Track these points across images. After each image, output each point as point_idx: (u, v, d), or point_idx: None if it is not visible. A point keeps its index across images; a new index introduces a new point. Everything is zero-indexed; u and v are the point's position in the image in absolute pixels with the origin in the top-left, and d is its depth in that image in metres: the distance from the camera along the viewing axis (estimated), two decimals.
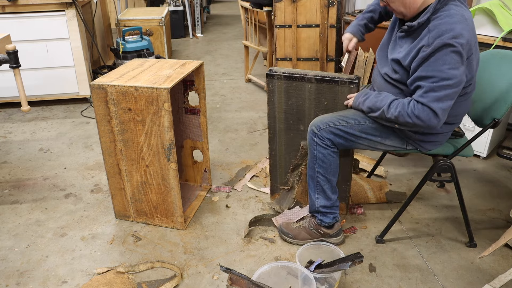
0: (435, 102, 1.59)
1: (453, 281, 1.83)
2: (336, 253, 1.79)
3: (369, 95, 1.81)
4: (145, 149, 2.00)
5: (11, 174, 2.69)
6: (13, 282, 1.85)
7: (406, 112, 1.64)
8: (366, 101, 1.80)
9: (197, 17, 6.49)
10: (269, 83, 2.05)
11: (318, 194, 1.95)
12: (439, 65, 1.57)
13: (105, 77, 1.99)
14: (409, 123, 1.65)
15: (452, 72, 1.57)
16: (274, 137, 2.17)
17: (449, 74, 1.57)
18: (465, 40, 1.56)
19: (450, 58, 1.56)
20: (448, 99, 1.60)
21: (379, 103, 1.74)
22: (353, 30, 2.07)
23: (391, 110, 1.69)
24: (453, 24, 1.56)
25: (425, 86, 1.60)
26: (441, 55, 1.57)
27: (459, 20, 1.57)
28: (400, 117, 1.67)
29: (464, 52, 1.57)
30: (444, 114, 1.62)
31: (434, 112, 1.60)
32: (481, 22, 2.59)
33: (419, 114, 1.61)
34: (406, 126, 1.71)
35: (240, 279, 1.59)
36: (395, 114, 1.68)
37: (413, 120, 1.63)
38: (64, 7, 3.41)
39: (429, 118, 1.61)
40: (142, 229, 2.17)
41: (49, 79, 3.62)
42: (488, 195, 2.43)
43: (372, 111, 1.78)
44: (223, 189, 2.50)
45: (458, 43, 1.54)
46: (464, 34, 1.56)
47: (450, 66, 1.56)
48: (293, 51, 3.31)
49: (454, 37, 1.54)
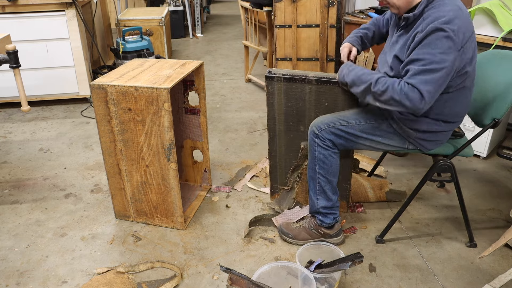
0: (423, 84, 1.59)
1: (453, 281, 1.83)
2: (336, 253, 1.79)
3: (355, 67, 1.81)
4: (145, 149, 2.00)
5: (11, 174, 2.69)
6: (13, 282, 1.85)
7: (394, 88, 1.63)
8: (351, 73, 1.79)
9: (197, 17, 6.49)
10: (268, 85, 2.05)
11: (318, 195, 1.95)
12: (430, 49, 1.59)
13: (105, 77, 1.99)
14: (395, 100, 1.63)
15: (442, 56, 1.57)
16: (274, 138, 2.17)
17: (439, 58, 1.57)
18: (457, 26, 1.57)
19: (441, 43, 1.57)
20: (435, 83, 1.59)
21: (365, 77, 1.73)
22: (351, 40, 2.06)
23: (379, 85, 1.67)
24: (446, 12, 1.59)
25: (415, 68, 1.61)
26: (433, 39, 1.58)
27: (453, 9, 1.60)
28: (386, 93, 1.64)
29: (456, 38, 1.57)
30: (430, 98, 1.61)
31: (421, 94, 1.60)
32: (481, 22, 2.59)
33: (407, 92, 1.60)
34: (388, 104, 1.68)
35: (240, 279, 1.59)
36: (381, 89, 1.66)
37: (400, 97, 1.61)
38: (64, 7, 3.41)
39: (415, 99, 1.60)
40: (142, 229, 2.17)
41: (49, 79, 3.62)
42: (488, 195, 2.43)
43: (356, 85, 1.77)
44: (223, 189, 2.50)
45: (449, 29, 1.56)
46: (456, 22, 1.58)
47: (441, 50, 1.57)
48: (293, 51, 3.31)
49: (446, 22, 1.57)
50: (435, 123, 1.79)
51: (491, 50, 2.08)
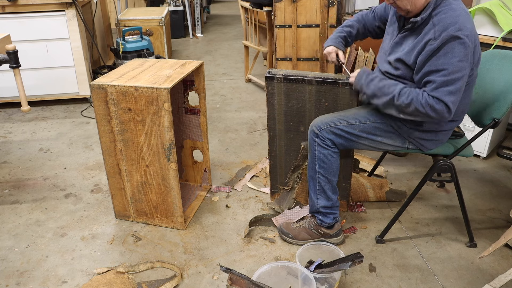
0: (447, 96, 1.61)
1: (453, 281, 1.83)
2: (336, 253, 1.79)
3: (373, 77, 1.79)
4: (145, 149, 2.00)
5: (11, 174, 2.69)
6: (13, 282, 1.85)
7: (420, 101, 1.64)
8: (370, 84, 1.78)
9: (197, 17, 6.49)
10: (268, 86, 2.05)
11: (318, 195, 1.95)
12: (448, 58, 1.59)
13: (105, 77, 1.99)
14: (421, 112, 1.65)
15: (461, 64, 1.59)
16: (274, 139, 2.17)
17: (458, 67, 1.59)
18: (469, 31, 1.59)
19: (458, 51, 1.58)
20: (458, 92, 1.63)
21: (386, 89, 1.72)
22: (335, 42, 2.04)
23: (402, 98, 1.67)
24: (457, 17, 1.60)
25: (437, 80, 1.61)
26: (450, 48, 1.59)
27: (461, 14, 1.61)
28: (411, 105, 1.65)
29: (470, 43, 1.59)
30: (455, 107, 1.64)
31: (447, 105, 1.62)
32: (481, 22, 2.59)
33: (433, 105, 1.62)
34: (413, 116, 1.70)
35: (240, 279, 1.59)
36: (406, 102, 1.66)
37: (427, 110, 1.63)
38: (64, 7, 3.41)
39: (442, 111, 1.63)
40: (142, 229, 2.17)
41: (49, 79, 3.62)
42: (488, 195, 2.43)
43: (376, 97, 1.76)
44: (223, 189, 2.50)
45: (464, 35, 1.57)
46: (467, 26, 1.59)
47: (459, 58, 1.58)
48: (293, 51, 3.31)
49: (459, 29, 1.57)
50: (436, 122, 1.79)
51: (491, 50, 2.08)
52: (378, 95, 1.75)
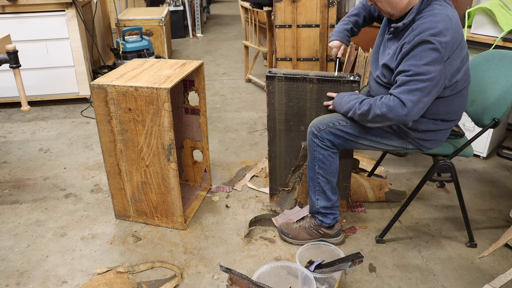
0: (405, 94, 1.61)
1: (453, 281, 1.83)
2: (336, 253, 1.79)
3: (342, 96, 1.85)
4: (145, 149, 2.00)
5: (11, 174, 2.69)
6: (13, 282, 1.85)
7: (376, 104, 1.66)
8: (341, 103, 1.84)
9: (197, 17, 6.49)
10: (269, 85, 2.05)
11: (318, 195, 1.95)
12: (415, 61, 1.59)
13: (105, 77, 1.99)
14: (378, 114, 1.66)
15: (427, 68, 1.58)
16: (274, 139, 2.16)
17: (423, 70, 1.58)
18: (446, 39, 1.56)
19: (426, 54, 1.57)
20: (419, 92, 1.60)
21: (352, 103, 1.77)
22: (340, 36, 2.06)
23: (363, 106, 1.71)
24: (436, 23, 1.58)
25: (399, 79, 1.63)
26: (419, 51, 1.58)
27: (442, 19, 1.59)
28: (370, 111, 1.68)
29: (442, 50, 1.57)
30: (413, 107, 1.61)
31: (402, 102, 1.61)
32: (481, 22, 2.59)
33: (388, 103, 1.63)
34: (376, 122, 1.71)
35: (240, 279, 1.59)
36: (365, 108, 1.69)
37: (381, 110, 1.64)
38: (64, 7, 3.41)
39: (396, 108, 1.61)
40: (142, 229, 2.17)
41: (49, 79, 3.62)
42: (488, 195, 2.43)
43: (350, 113, 1.80)
44: (223, 189, 2.50)
45: (436, 41, 1.56)
46: (445, 33, 1.57)
47: (426, 62, 1.58)
48: (293, 51, 3.31)
49: (433, 34, 1.56)
50: (433, 122, 1.79)
51: (491, 50, 2.08)
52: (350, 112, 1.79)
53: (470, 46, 2.63)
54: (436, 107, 1.75)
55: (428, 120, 1.78)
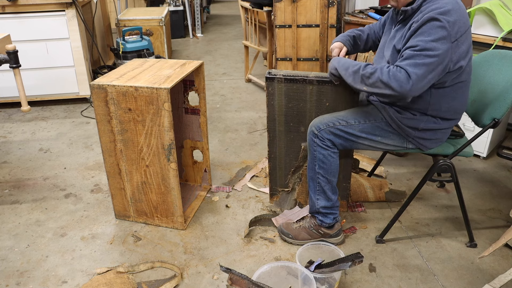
0: (411, 67, 1.60)
1: (453, 281, 1.83)
2: (336, 253, 1.79)
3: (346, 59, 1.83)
4: (145, 149, 2.00)
5: (11, 174, 2.69)
6: (13, 282, 1.85)
7: (383, 71, 1.64)
8: (341, 61, 1.82)
9: (197, 17, 6.49)
10: (268, 86, 2.04)
11: (318, 195, 1.95)
12: (423, 37, 1.61)
13: (105, 77, 1.99)
14: (383, 81, 1.63)
15: (434, 44, 1.59)
16: (273, 140, 2.16)
17: (430, 45, 1.59)
18: (453, 18, 1.59)
19: (434, 31, 1.59)
20: (425, 67, 1.60)
21: (354, 63, 1.76)
22: (343, 39, 2.07)
23: (367, 68, 1.69)
24: (444, 4, 1.62)
25: (406, 53, 1.64)
26: (427, 28, 1.60)
27: (450, 2, 1.63)
28: (374, 74, 1.65)
29: (450, 29, 1.59)
30: (417, 81, 1.60)
31: (408, 74, 1.60)
32: (481, 22, 2.59)
33: (394, 73, 1.62)
34: (375, 87, 1.67)
35: (240, 279, 1.59)
36: (370, 71, 1.67)
37: (388, 78, 1.62)
38: (64, 7, 3.41)
39: (402, 79, 1.60)
40: (142, 229, 2.17)
41: (49, 79, 3.62)
42: (488, 195, 2.43)
43: (345, 69, 1.77)
44: (223, 189, 2.50)
45: (444, 19, 1.58)
46: (452, 13, 1.59)
47: (433, 38, 1.59)
48: (293, 51, 3.31)
49: (442, 13, 1.59)
50: (434, 121, 1.79)
51: (491, 50, 2.08)
52: (347, 67, 1.76)
53: None
54: (438, 102, 1.75)
55: (429, 117, 1.78)
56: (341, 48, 2.05)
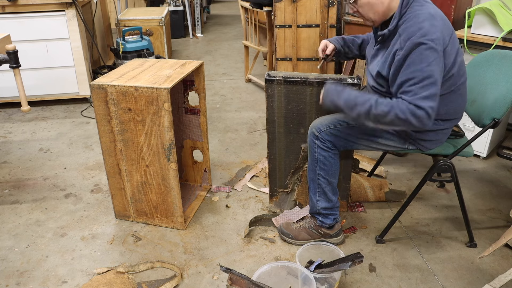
0: (424, 102, 1.58)
1: (453, 281, 1.83)
2: (336, 253, 1.79)
3: (343, 89, 1.71)
4: (145, 149, 2.00)
5: (11, 174, 2.69)
6: (13, 282, 1.85)
7: (400, 108, 1.59)
8: (341, 95, 1.70)
9: (197, 17, 6.49)
10: (268, 88, 2.04)
11: (319, 197, 1.95)
12: (417, 65, 1.58)
13: (105, 77, 1.99)
14: (401, 119, 1.59)
15: (431, 68, 1.58)
16: (273, 141, 2.16)
17: (428, 71, 1.58)
18: (435, 35, 1.57)
19: (425, 56, 1.57)
20: (435, 96, 1.60)
21: (361, 99, 1.65)
22: (330, 39, 2.07)
23: (381, 106, 1.61)
24: (421, 23, 1.59)
25: (411, 89, 1.59)
26: (416, 55, 1.58)
27: (426, 18, 1.60)
28: (391, 113, 1.60)
29: (437, 46, 1.58)
30: (434, 113, 1.61)
31: (426, 112, 1.58)
32: (481, 22, 2.59)
33: (414, 111, 1.58)
34: (393, 125, 1.64)
35: (240, 279, 1.59)
36: (385, 110, 1.60)
37: (408, 116, 1.58)
38: (64, 7, 3.41)
39: (423, 118, 1.59)
40: (142, 229, 2.17)
41: (49, 79, 3.62)
42: (488, 195, 2.43)
43: (350, 107, 1.67)
44: (223, 189, 2.50)
45: (429, 40, 1.56)
46: (433, 30, 1.58)
47: (427, 63, 1.57)
48: (293, 51, 3.31)
49: (423, 35, 1.57)
50: (434, 123, 1.79)
51: (491, 50, 2.08)
52: (352, 106, 1.67)
53: (470, 46, 2.63)
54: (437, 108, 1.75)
55: None
56: (326, 44, 2.03)
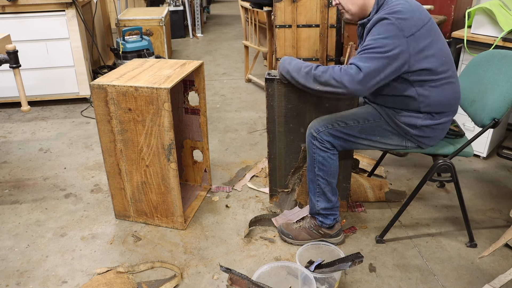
0: (361, 61, 1.64)
1: (453, 281, 1.83)
2: (336, 253, 1.79)
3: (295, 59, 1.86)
4: (145, 149, 2.00)
5: (11, 174, 2.69)
6: (13, 282, 1.85)
7: (334, 69, 1.67)
8: (292, 62, 1.84)
9: (197, 17, 6.49)
10: (268, 87, 2.04)
11: (318, 197, 1.95)
12: (372, 35, 1.66)
13: (105, 77, 1.99)
14: (335, 78, 1.65)
15: (384, 41, 1.62)
16: (273, 141, 2.16)
17: (380, 43, 1.62)
18: (404, 16, 1.63)
19: (383, 29, 1.63)
20: (375, 61, 1.62)
21: (306, 63, 1.78)
22: None
23: (320, 68, 1.72)
24: (394, 7, 1.66)
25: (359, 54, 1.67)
26: (377, 27, 1.66)
27: (400, 3, 1.68)
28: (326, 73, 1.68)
29: (400, 25, 1.61)
30: (369, 75, 1.62)
31: (358, 67, 1.63)
32: (481, 22, 2.59)
33: (345, 70, 1.65)
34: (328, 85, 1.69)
35: (240, 279, 1.59)
36: (322, 70, 1.70)
37: (338, 74, 1.64)
38: (64, 7, 3.41)
39: (352, 73, 1.63)
40: (142, 229, 2.17)
41: (49, 79, 3.62)
42: (488, 195, 2.43)
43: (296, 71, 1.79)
44: (223, 189, 2.50)
45: (393, 17, 1.62)
46: (403, 12, 1.64)
47: (383, 36, 1.63)
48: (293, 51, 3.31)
49: (390, 12, 1.64)
50: (430, 117, 1.79)
51: (491, 50, 2.08)
52: (298, 68, 1.78)
53: (470, 46, 2.63)
54: (427, 98, 1.75)
55: (425, 114, 1.79)
56: None
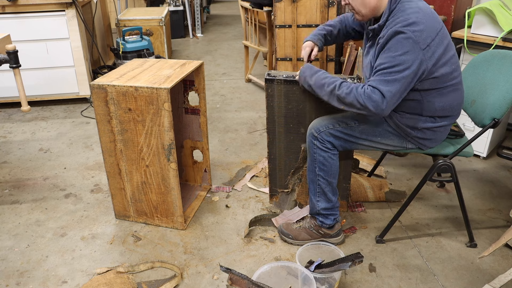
0: (383, 85, 1.61)
1: (453, 281, 1.83)
2: (336, 253, 1.79)
3: (317, 71, 1.83)
4: (145, 149, 2.00)
5: (11, 174, 2.69)
6: (13, 282, 1.85)
7: (358, 91, 1.65)
8: (313, 76, 1.82)
9: (197, 17, 6.49)
10: (268, 88, 2.04)
11: (319, 197, 1.95)
12: (390, 52, 1.62)
13: (105, 77, 1.99)
14: (359, 102, 1.64)
15: (403, 58, 1.59)
16: (273, 141, 2.16)
17: (399, 60, 1.60)
18: (419, 28, 1.59)
19: (401, 45, 1.59)
20: (397, 83, 1.61)
21: (328, 80, 1.75)
22: (313, 38, 2.07)
23: (343, 88, 1.69)
24: (408, 15, 1.62)
25: (379, 73, 1.64)
26: (393, 43, 1.61)
27: (413, 12, 1.62)
28: (350, 95, 1.66)
29: (417, 38, 1.59)
30: (392, 98, 1.62)
31: (382, 94, 1.61)
32: (481, 22, 2.59)
33: (369, 95, 1.62)
34: (353, 107, 1.69)
35: (240, 279, 1.59)
36: (346, 91, 1.68)
37: (364, 99, 1.63)
38: (64, 7, 3.41)
39: (377, 100, 1.62)
40: (142, 229, 2.17)
41: (49, 79, 3.62)
42: (488, 195, 2.43)
43: (319, 87, 1.79)
44: (223, 189, 2.50)
45: (409, 30, 1.58)
46: (418, 23, 1.59)
47: (401, 52, 1.59)
48: (293, 51, 3.31)
49: (405, 25, 1.59)
50: (432, 120, 1.79)
51: (491, 50, 2.08)
52: (321, 85, 1.77)
53: (470, 46, 2.63)
54: (432, 103, 1.75)
55: (426, 117, 1.78)
56: (312, 47, 2.05)
